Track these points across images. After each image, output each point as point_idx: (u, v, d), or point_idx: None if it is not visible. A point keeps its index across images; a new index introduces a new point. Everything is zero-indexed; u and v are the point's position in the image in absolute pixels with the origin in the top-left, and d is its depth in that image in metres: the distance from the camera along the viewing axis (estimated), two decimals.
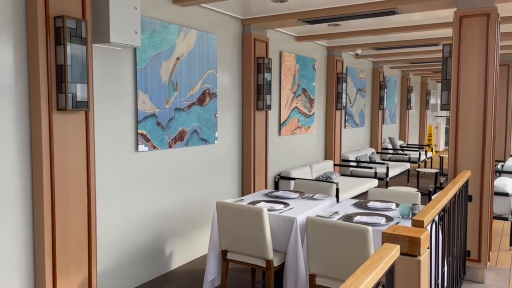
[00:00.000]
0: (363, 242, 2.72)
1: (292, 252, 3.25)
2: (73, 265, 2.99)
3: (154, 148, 3.95)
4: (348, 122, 8.44)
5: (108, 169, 3.56)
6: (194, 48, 4.34)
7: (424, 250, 1.83)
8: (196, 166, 4.52)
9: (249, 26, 5.07)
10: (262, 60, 5.14)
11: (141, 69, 3.75)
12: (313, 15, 4.63)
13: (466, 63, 3.75)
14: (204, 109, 4.52)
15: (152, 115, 3.89)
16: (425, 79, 13.90)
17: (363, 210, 3.53)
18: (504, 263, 4.39)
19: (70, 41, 2.79)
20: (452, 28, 3.81)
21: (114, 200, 3.64)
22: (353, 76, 8.53)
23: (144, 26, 3.74)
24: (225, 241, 3.44)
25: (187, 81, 4.27)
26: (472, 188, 3.81)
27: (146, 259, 3.98)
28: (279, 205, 3.60)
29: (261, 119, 5.34)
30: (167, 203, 4.18)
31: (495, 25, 3.64)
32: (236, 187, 5.21)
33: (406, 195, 3.92)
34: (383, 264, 1.50)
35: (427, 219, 2.11)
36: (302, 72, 6.53)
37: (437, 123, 14.94)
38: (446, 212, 2.80)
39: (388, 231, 1.84)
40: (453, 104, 3.84)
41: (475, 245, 3.86)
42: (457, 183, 3.07)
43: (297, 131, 6.53)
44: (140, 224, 3.90)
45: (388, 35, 6.24)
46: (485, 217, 3.81)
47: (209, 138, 4.63)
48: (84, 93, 2.89)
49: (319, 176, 6.79)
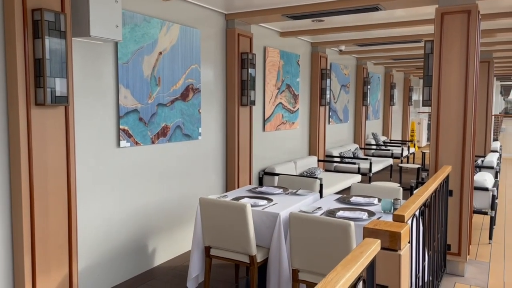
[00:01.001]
0: (346, 237, 2.74)
1: (275, 248, 3.26)
2: (53, 262, 2.94)
3: (137, 144, 3.90)
4: (332, 118, 8.49)
5: (89, 166, 3.51)
6: (177, 42, 4.29)
7: (404, 245, 1.85)
8: (180, 162, 4.49)
9: (233, 21, 5.04)
10: (246, 55, 5.12)
11: (122, 64, 3.69)
12: (297, 10, 4.63)
13: (447, 59, 3.79)
14: (188, 104, 4.49)
15: (134, 110, 3.84)
16: (408, 76, 14.06)
17: (346, 205, 3.55)
18: (483, 257, 4.48)
19: (49, 35, 2.73)
20: (434, 24, 3.84)
21: (96, 197, 3.59)
22: (337, 72, 8.57)
23: (125, 20, 3.69)
24: (208, 237, 3.43)
25: (170, 76, 4.23)
26: (453, 183, 3.87)
27: (129, 256, 3.94)
28: (263, 201, 3.60)
29: (245, 115, 5.33)
30: (150, 199, 4.14)
31: (476, 22, 3.69)
32: (220, 183, 5.19)
33: (388, 190, 3.96)
34: (364, 258, 1.51)
35: (408, 214, 2.13)
36: (286, 68, 6.53)
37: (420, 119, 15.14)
38: (427, 206, 2.84)
39: (369, 226, 1.86)
40: (434, 100, 3.88)
41: (455, 239, 3.93)
42: (437, 178, 3.11)
43: (281, 127, 6.54)
44: (123, 221, 3.86)
45: (371, 32, 6.28)
46: (465, 212, 3.88)
47: (193, 134, 4.60)
48: (63, 88, 2.83)
49: (303, 172, 6.81)
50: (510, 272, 4.07)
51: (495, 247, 4.77)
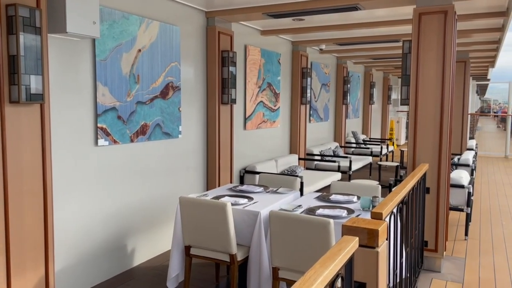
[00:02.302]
0: (325, 234, 2.76)
1: (255, 246, 3.26)
2: (29, 263, 2.88)
3: (115, 142, 3.84)
4: (312, 116, 8.54)
5: (66, 164, 3.44)
6: (157, 40, 4.25)
7: (382, 242, 1.87)
8: (159, 161, 4.45)
9: (213, 19, 5.01)
10: (227, 53, 5.10)
11: (100, 61, 3.63)
12: (277, 9, 4.63)
13: (425, 59, 3.86)
14: (167, 102, 4.45)
15: (113, 108, 3.79)
16: (387, 75, 14.25)
17: (326, 203, 3.58)
18: (459, 253, 4.58)
19: (23, 31, 2.66)
20: (412, 24, 3.90)
21: (73, 196, 3.52)
22: (318, 71, 8.62)
23: (103, 16, 3.62)
24: (188, 237, 3.41)
25: (149, 74, 4.18)
26: (430, 181, 3.94)
27: (108, 256, 3.89)
28: (243, 199, 3.60)
29: (226, 113, 5.31)
30: (129, 199, 4.09)
31: (452, 22, 3.76)
32: (201, 182, 5.17)
33: (367, 188, 4.01)
34: (342, 256, 1.52)
35: (386, 211, 2.16)
36: (267, 67, 6.54)
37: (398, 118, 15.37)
38: (405, 204, 2.88)
39: (347, 224, 1.87)
40: (412, 99, 3.95)
41: (432, 235, 4.00)
42: (415, 176, 3.16)
43: (262, 125, 6.55)
44: (101, 221, 3.80)
45: (351, 31, 6.34)
46: (442, 209, 3.95)
47: (173, 132, 4.56)
48: (38, 85, 2.76)
49: (284, 170, 6.83)
50: (485, 268, 4.17)
51: (470, 243, 4.88)
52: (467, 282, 3.84)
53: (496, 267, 4.17)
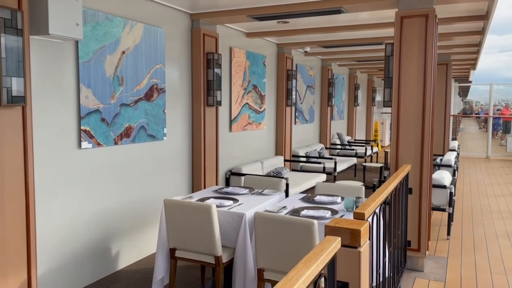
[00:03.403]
0: (309, 235, 2.78)
1: (241, 248, 3.27)
2: (10, 268, 2.83)
3: (99, 145, 3.81)
4: (298, 118, 8.59)
5: (49, 167, 3.40)
6: (141, 42, 4.23)
7: (364, 242, 1.90)
8: (144, 163, 4.42)
9: (198, 21, 5.01)
10: (212, 55, 5.10)
11: (83, 63, 3.60)
12: (262, 12, 4.66)
13: (407, 61, 3.92)
14: (152, 104, 4.43)
15: (96, 110, 3.76)
16: (371, 77, 14.41)
17: (310, 204, 3.61)
18: (442, 252, 4.65)
19: (5, 32, 2.63)
20: (394, 28, 3.96)
21: (56, 199, 3.48)
22: (303, 73, 8.68)
23: (86, 18, 3.60)
24: (173, 239, 3.40)
25: (134, 76, 4.16)
26: (412, 181, 4.00)
27: (92, 260, 3.85)
28: (229, 201, 3.61)
29: (212, 115, 5.31)
30: (114, 201, 4.06)
31: (433, 26, 3.83)
32: (186, 184, 5.15)
33: (351, 189, 4.05)
34: (324, 256, 1.54)
35: (368, 212, 2.19)
36: (252, 69, 6.56)
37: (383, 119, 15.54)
38: (388, 204, 2.92)
39: (330, 224, 1.90)
40: (394, 101, 4.00)
41: (415, 235, 4.06)
42: (397, 177, 3.21)
43: (248, 127, 6.56)
44: (85, 224, 3.76)
45: (336, 34, 6.40)
46: (424, 209, 4.02)
47: (158, 135, 4.54)
48: (20, 87, 2.73)
49: (270, 172, 6.86)
50: (466, 267, 4.25)
51: (452, 242, 4.96)
52: (449, 280, 3.91)
53: (477, 266, 4.25)
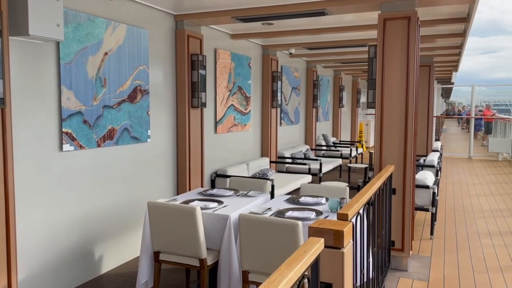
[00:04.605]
0: (294, 236, 2.78)
1: (225, 250, 3.25)
2: None
3: (81, 147, 3.76)
4: (283, 119, 8.60)
5: (29, 171, 3.34)
6: (124, 43, 4.19)
7: (347, 242, 1.91)
8: (128, 166, 4.37)
9: (182, 22, 4.98)
10: (196, 57, 5.08)
11: (65, 64, 3.55)
12: (246, 13, 4.65)
13: (389, 63, 3.96)
14: (136, 106, 4.38)
15: (78, 112, 3.70)
16: (356, 78, 14.52)
17: (295, 206, 3.61)
18: (425, 252, 4.70)
19: None
20: (377, 30, 4.00)
21: (37, 203, 3.42)
22: (288, 75, 8.70)
23: (68, 18, 3.55)
24: (157, 242, 3.37)
25: (117, 77, 4.11)
26: (396, 182, 4.04)
27: (74, 264, 3.79)
28: (213, 203, 3.59)
29: (196, 117, 5.28)
30: (96, 204, 4.00)
31: (415, 28, 3.88)
32: (171, 186, 5.11)
33: (336, 190, 4.07)
34: (307, 257, 1.54)
35: (352, 213, 2.19)
36: (237, 70, 6.55)
37: (367, 121, 15.67)
38: (371, 205, 2.94)
39: (314, 225, 1.90)
40: (378, 102, 4.04)
41: (399, 235, 4.10)
42: (381, 177, 3.23)
43: (233, 129, 6.55)
44: (67, 228, 3.70)
45: (320, 35, 6.43)
46: (408, 209, 4.06)
47: (141, 137, 4.50)
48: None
49: (256, 173, 6.85)
50: (449, 266, 4.30)
51: (436, 242, 5.02)
52: (433, 279, 3.95)
53: (460, 265, 4.31)
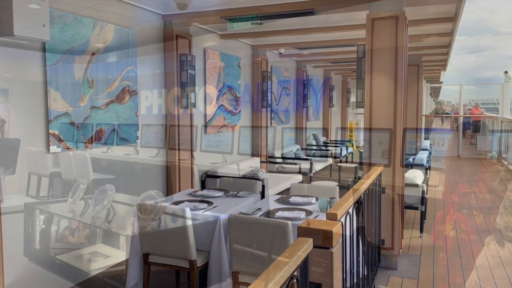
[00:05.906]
0: (284, 236, 2.78)
1: (215, 251, 3.23)
2: None
3: (68, 149, 3.72)
4: (274, 119, 8.59)
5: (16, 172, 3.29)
6: (112, 43, 4.15)
7: (336, 242, 1.91)
8: (117, 167, 4.33)
9: (170, 22, 4.95)
10: (185, 57, 5.05)
11: (51, 65, 3.50)
12: (235, 13, 4.64)
13: (378, 62, 3.97)
14: (124, 107, 4.35)
15: (65, 113, 3.66)
16: (346, 78, 14.57)
17: (285, 206, 3.61)
18: (415, 250, 4.73)
19: None
20: (365, 29, 4.01)
21: None
22: (278, 75, 8.69)
23: (54, 19, 3.50)
24: (146, 244, 3.34)
25: (104, 78, 4.07)
26: (385, 181, 4.05)
27: (62, 267, 3.74)
28: (203, 204, 3.57)
29: (186, 117, 5.25)
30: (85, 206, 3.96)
31: (403, 28, 3.90)
32: (161, 187, 5.08)
33: (326, 189, 4.07)
34: (296, 258, 1.53)
35: (341, 212, 2.19)
36: (227, 70, 6.52)
37: (357, 120, 15.73)
38: (361, 204, 2.94)
39: (303, 225, 1.89)
40: (367, 102, 4.05)
41: (388, 234, 4.11)
42: (370, 177, 3.24)
43: (223, 129, 6.52)
44: (54, 229, 3.65)
45: (309, 35, 6.43)
46: (397, 207, 4.07)
47: (130, 138, 4.46)
48: None
49: (246, 174, 6.83)
50: (439, 263, 4.33)
51: (425, 240, 5.05)
52: (422, 278, 3.97)
53: (449, 263, 4.34)
